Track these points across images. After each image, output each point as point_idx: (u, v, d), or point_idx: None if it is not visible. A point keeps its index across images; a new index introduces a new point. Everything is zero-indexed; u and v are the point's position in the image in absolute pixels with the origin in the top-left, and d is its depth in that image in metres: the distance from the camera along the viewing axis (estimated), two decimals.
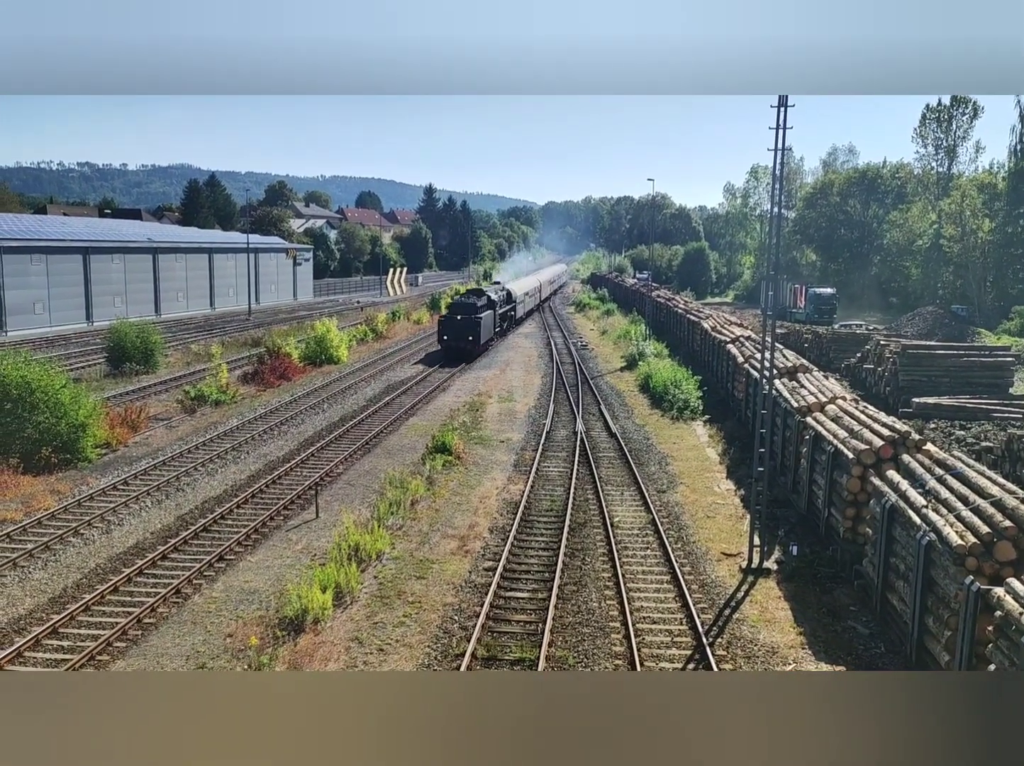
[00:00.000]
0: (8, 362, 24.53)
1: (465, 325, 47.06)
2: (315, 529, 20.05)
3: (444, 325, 47.88)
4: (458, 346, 47.25)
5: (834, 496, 18.79)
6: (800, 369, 27.12)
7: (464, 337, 47.08)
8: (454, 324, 47.27)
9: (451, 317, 48.03)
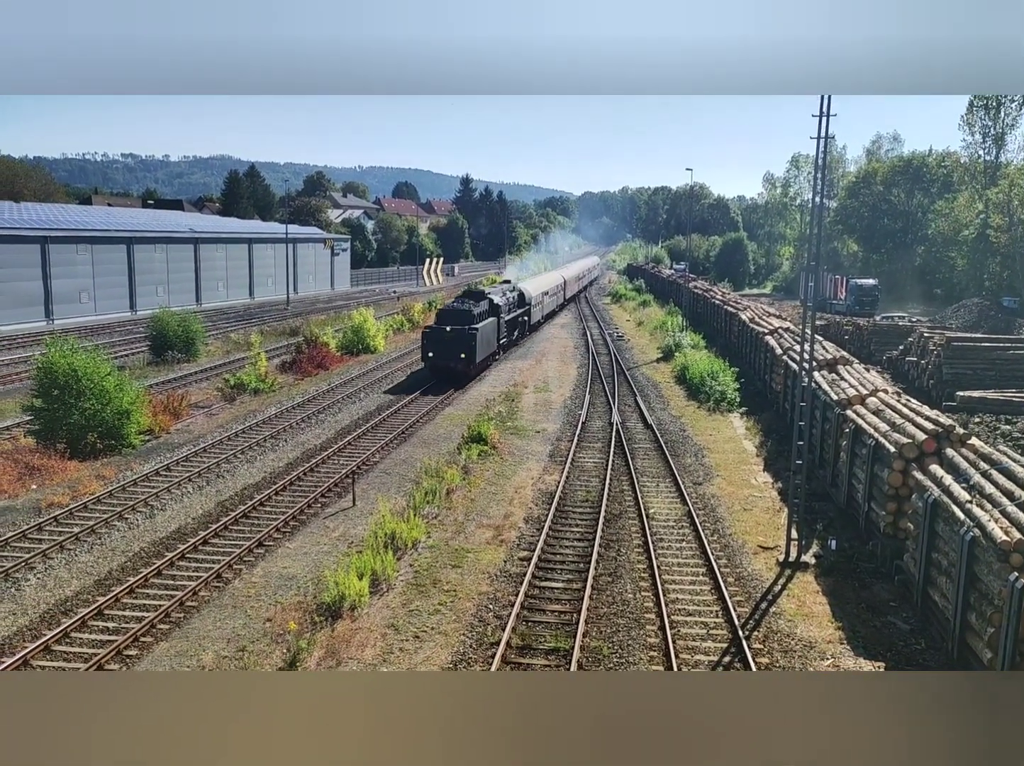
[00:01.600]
0: (56, 350, 25.08)
1: (456, 340, 35.90)
2: (352, 517, 20.26)
3: (429, 339, 36.40)
4: (447, 366, 36.37)
5: (875, 490, 18.52)
6: (840, 361, 26.72)
7: (454, 355, 36.03)
8: (441, 338, 36.09)
9: (438, 329, 36.59)
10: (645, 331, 59.30)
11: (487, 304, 40.37)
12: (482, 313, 38.89)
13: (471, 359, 36.53)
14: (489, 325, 39.57)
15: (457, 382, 36.64)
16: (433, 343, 36.35)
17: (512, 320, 46.91)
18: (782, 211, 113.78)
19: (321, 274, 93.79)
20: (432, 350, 36.38)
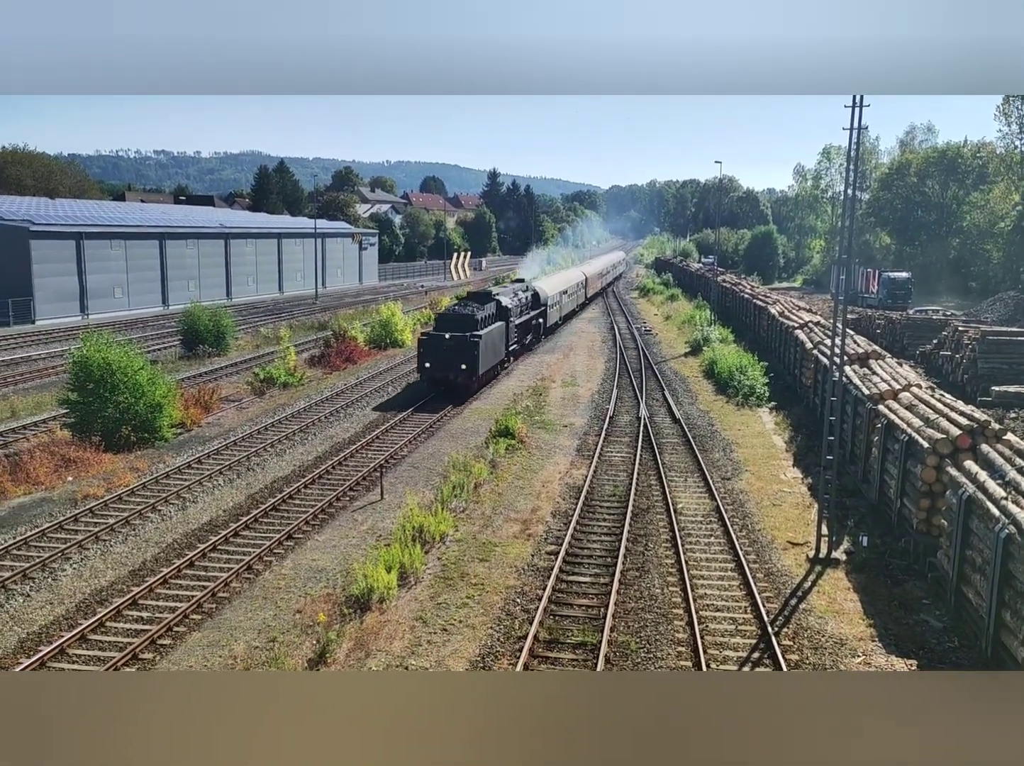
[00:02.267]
0: (91, 344, 25.49)
1: (456, 348, 31.68)
2: (380, 510, 20.40)
3: (425, 347, 32.08)
4: (445, 378, 32.25)
5: (907, 486, 18.28)
6: (872, 355, 26.39)
7: (453, 365, 31.85)
8: (439, 346, 31.80)
9: (435, 336, 32.20)
10: (673, 325, 58.97)
11: (493, 307, 35.81)
12: (487, 318, 34.30)
13: (473, 371, 32.05)
14: (495, 331, 34.84)
15: (456, 397, 32.35)
16: (430, 352, 31.87)
17: (524, 324, 42.34)
18: (813, 203, 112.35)
19: (349, 268, 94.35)
20: (429, 360, 31.92)
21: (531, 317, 44.18)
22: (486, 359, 33.51)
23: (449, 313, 34.38)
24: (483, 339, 32.48)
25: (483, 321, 33.48)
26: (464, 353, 31.77)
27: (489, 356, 33.99)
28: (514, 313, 38.84)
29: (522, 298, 41.89)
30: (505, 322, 36.85)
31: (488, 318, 34.45)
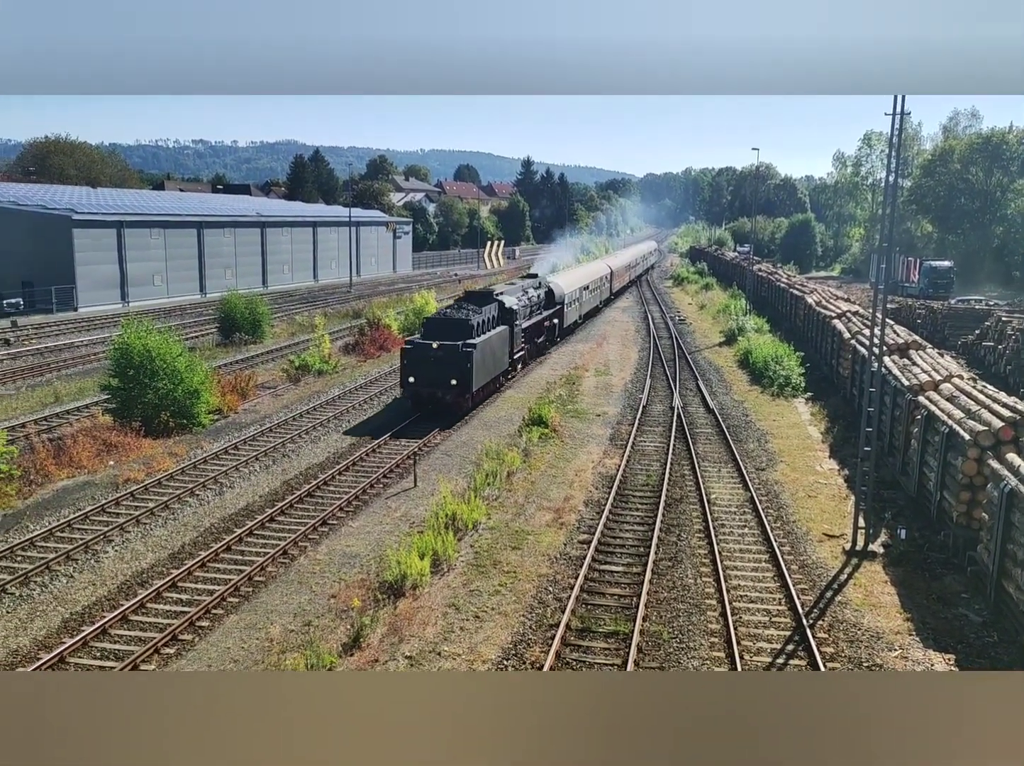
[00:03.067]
0: (131, 331, 25.94)
1: (444, 360, 26.96)
2: (413, 497, 20.54)
3: (409, 358, 27.37)
4: (432, 395, 27.48)
5: (947, 479, 17.98)
6: (912, 346, 25.95)
7: (441, 381, 27.11)
8: (425, 358, 27.11)
9: (421, 345, 27.48)
10: (707, 315, 58.47)
11: (495, 309, 30.97)
12: (486, 322, 29.56)
13: (465, 387, 27.16)
14: (496, 338, 30.09)
15: (445, 419, 27.36)
16: (414, 364, 27.10)
17: (535, 326, 37.72)
18: (852, 191, 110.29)
19: (383, 257, 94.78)
20: (413, 373, 27.14)
21: (544, 318, 39.46)
22: (482, 372, 28.51)
23: (439, 317, 29.43)
24: (479, 349, 27.48)
25: (480, 327, 28.76)
26: (455, 366, 26.90)
27: (487, 368, 29.17)
28: (521, 315, 33.96)
29: (533, 296, 37.30)
30: (509, 326, 32.00)
31: (487, 323, 29.73)
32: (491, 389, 31.15)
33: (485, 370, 28.96)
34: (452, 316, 28.97)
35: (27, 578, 15.70)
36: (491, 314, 30.51)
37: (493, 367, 30.24)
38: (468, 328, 27.91)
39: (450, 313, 29.54)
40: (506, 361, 32.34)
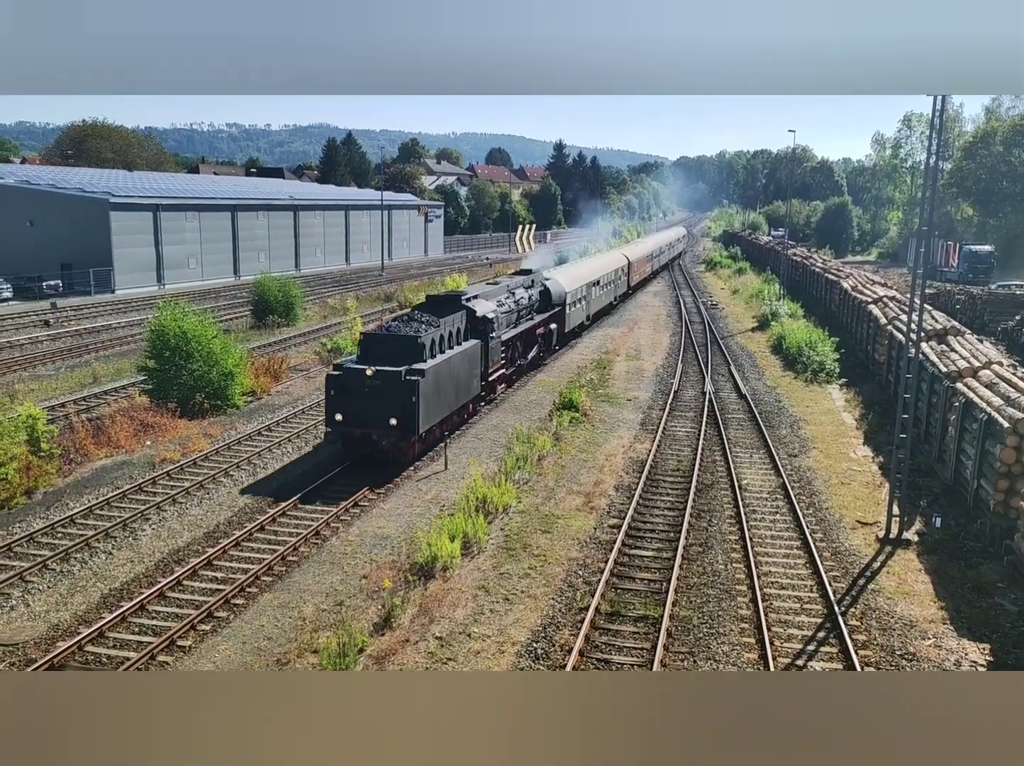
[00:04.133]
0: (167, 314, 26.30)
1: (382, 392, 20.33)
2: (444, 480, 20.65)
3: (337, 389, 20.76)
4: (368, 437, 20.64)
5: (985, 467, 17.69)
6: (951, 332, 25.49)
7: (377, 420, 20.43)
8: (356, 388, 20.48)
9: (352, 372, 20.77)
10: (740, 299, 57.86)
11: (461, 320, 24.32)
12: (446, 338, 22.90)
13: (409, 427, 20.48)
14: (461, 358, 23.41)
15: (383, 470, 20.84)
16: (344, 397, 20.51)
17: (524, 335, 30.82)
18: (891, 174, 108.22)
19: (415, 240, 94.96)
20: (342, 409, 20.53)
21: (537, 323, 32.22)
22: (436, 406, 21.77)
23: (379, 334, 22.70)
24: (430, 376, 20.87)
25: (436, 344, 22.09)
26: (395, 400, 20.21)
27: (444, 400, 22.36)
28: (500, 324, 27.19)
29: (521, 298, 30.52)
30: (483, 339, 25.44)
31: (448, 338, 23.02)
32: (450, 425, 23.84)
33: (441, 403, 22.10)
34: (397, 332, 21.96)
35: (67, 554, 16.08)
36: (455, 326, 23.67)
37: (455, 397, 23.29)
38: (417, 348, 21.03)
39: (395, 328, 22.49)
40: (476, 385, 25.22)
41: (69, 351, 36.41)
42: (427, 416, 21.23)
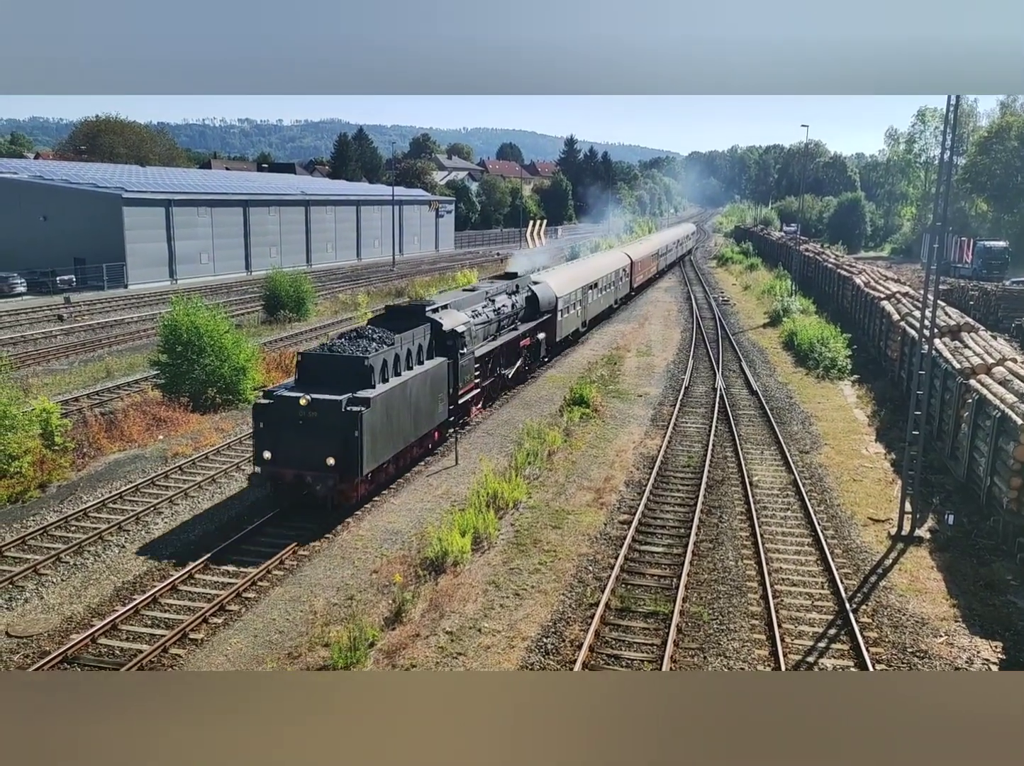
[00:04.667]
0: (180, 308, 26.42)
1: (319, 425, 17.21)
2: (454, 475, 20.69)
3: (268, 420, 17.49)
4: (302, 480, 17.46)
5: (998, 464, 17.58)
6: (964, 328, 25.33)
7: (312, 459, 17.26)
8: (290, 420, 17.27)
9: (285, 401, 17.41)
10: (752, 295, 57.65)
11: (423, 334, 20.91)
12: (402, 357, 19.52)
13: (350, 467, 17.19)
14: (421, 380, 20.04)
15: (320, 516, 17.62)
16: (275, 431, 17.29)
17: (506, 348, 27.39)
18: (905, 169, 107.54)
19: (426, 236, 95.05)
20: (272, 445, 17.31)
21: (521, 334, 28.75)
22: (387, 441, 18.47)
23: (319, 354, 18.85)
24: (377, 405, 17.62)
25: (389, 366, 18.77)
26: (333, 436, 16.98)
27: (398, 432, 19.01)
28: (472, 337, 23.80)
29: (502, 306, 27.23)
30: (451, 356, 21.93)
31: (405, 357, 19.68)
32: (415, 455, 21.04)
33: (393, 435, 18.77)
34: (340, 352, 18.57)
35: (81, 547, 16.20)
36: (416, 343, 20.33)
37: (412, 426, 19.84)
38: (363, 371, 17.84)
39: (339, 346, 18.98)
40: (441, 411, 21.72)
41: (82, 345, 36.64)
42: (374, 453, 17.80)
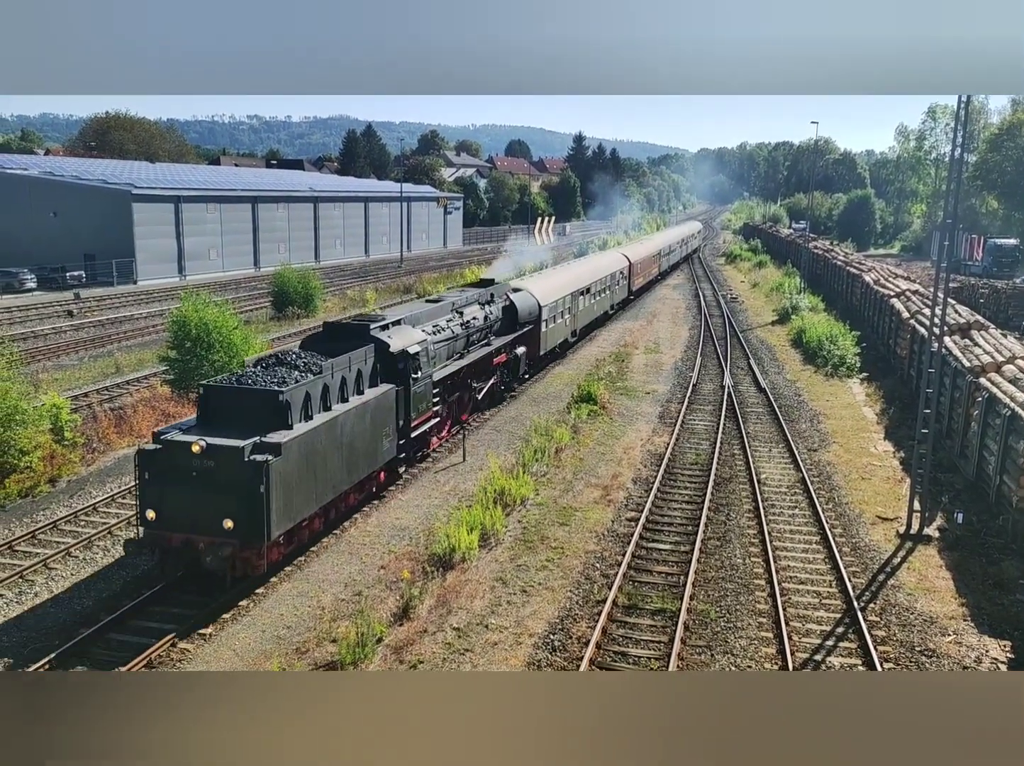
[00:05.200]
0: (189, 304, 26.50)
1: (214, 479, 13.40)
2: (462, 472, 20.71)
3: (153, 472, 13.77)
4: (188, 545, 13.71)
5: (1008, 463, 17.51)
6: (974, 326, 25.22)
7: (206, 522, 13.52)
8: (180, 472, 13.54)
9: (175, 447, 13.62)
10: (760, 293, 57.48)
11: (366, 357, 17.40)
12: (330, 389, 15.94)
13: (253, 531, 13.67)
14: (356, 415, 16.51)
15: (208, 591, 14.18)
16: (160, 483, 13.90)
17: (471, 369, 23.64)
18: (915, 166, 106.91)
19: (434, 232, 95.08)
20: (155, 503, 13.96)
21: (495, 350, 25.40)
22: (307, 491, 14.86)
23: (223, 386, 15.17)
24: (292, 451, 14.13)
25: (312, 400, 15.19)
26: (232, 492, 13.54)
27: (322, 479, 15.36)
28: (429, 358, 19.97)
29: (472, 320, 23.85)
30: (402, 382, 18.35)
31: (337, 387, 16.16)
32: (352, 504, 17.49)
33: (319, 486, 15.18)
34: (250, 384, 14.96)
35: (90, 542, 16.28)
36: (354, 369, 16.78)
37: (345, 472, 16.19)
38: (277, 408, 14.24)
39: (250, 377, 15.25)
40: (388, 447, 18.02)
41: (92, 341, 36.80)
42: (288, 510, 14.15)
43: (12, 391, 19.48)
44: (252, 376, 15.40)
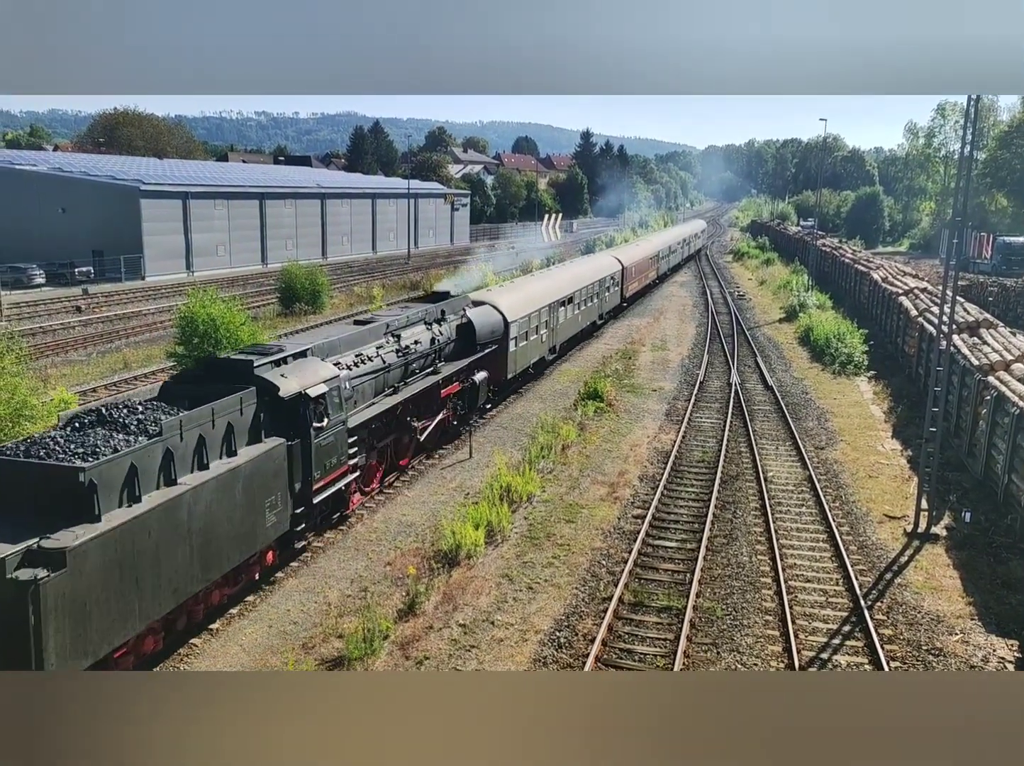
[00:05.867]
0: (197, 300, 26.55)
1: None
2: (468, 469, 20.73)
3: None
4: None
5: (1016, 462, 17.44)
6: (983, 324, 25.11)
7: None
8: None
9: None
10: (768, 290, 57.36)
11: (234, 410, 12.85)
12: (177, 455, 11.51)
13: None
14: (218, 488, 12.16)
15: None
16: None
17: (410, 405, 19.69)
18: (924, 163, 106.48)
19: (441, 229, 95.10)
20: None
21: (444, 379, 21.28)
22: (122, 613, 10.48)
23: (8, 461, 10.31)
24: (87, 558, 9.80)
25: (149, 473, 11.09)
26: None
27: (146, 593, 10.89)
28: (345, 399, 16.07)
29: (413, 344, 20.05)
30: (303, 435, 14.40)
31: (182, 454, 11.70)
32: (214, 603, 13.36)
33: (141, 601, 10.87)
34: (42, 456, 10.52)
35: None
36: (222, 422, 12.62)
37: (200, 566, 12.06)
38: (75, 494, 10.10)
39: (44, 445, 10.76)
40: (276, 522, 13.96)
41: (100, 337, 36.92)
42: (80, 643, 9.91)
43: (21, 386, 19.54)
44: (48, 443, 10.76)
